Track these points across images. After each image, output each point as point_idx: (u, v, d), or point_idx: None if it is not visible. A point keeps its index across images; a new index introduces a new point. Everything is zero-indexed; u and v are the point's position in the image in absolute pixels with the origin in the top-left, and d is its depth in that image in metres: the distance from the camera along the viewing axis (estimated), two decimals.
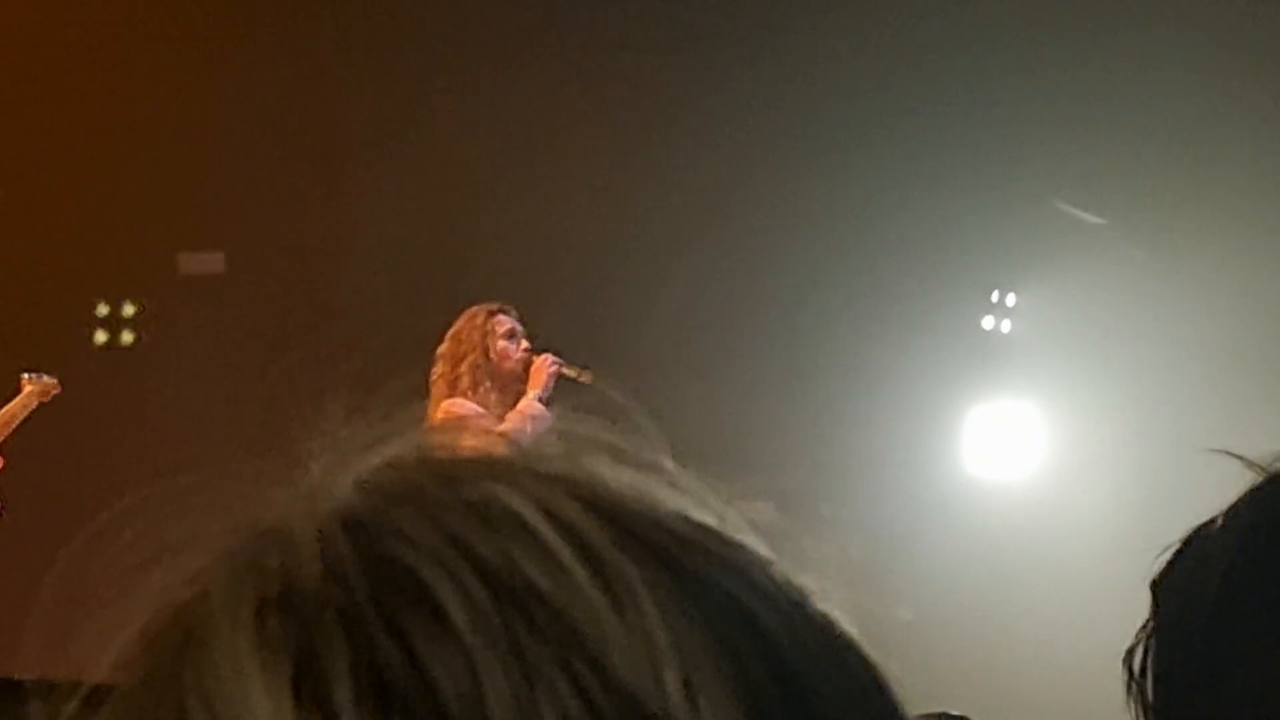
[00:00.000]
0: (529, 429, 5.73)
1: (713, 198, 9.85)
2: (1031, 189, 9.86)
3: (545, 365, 5.98)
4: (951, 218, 9.87)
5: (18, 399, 5.43)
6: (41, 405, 5.52)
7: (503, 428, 5.71)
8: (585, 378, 6.01)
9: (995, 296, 10.42)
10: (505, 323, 6.08)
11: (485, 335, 5.99)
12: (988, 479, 10.46)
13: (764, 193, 9.84)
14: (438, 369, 5.99)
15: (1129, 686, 1.27)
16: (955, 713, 5.24)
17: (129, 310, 9.64)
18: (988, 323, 10.43)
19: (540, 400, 5.92)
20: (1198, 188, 9.57)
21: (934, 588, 10.06)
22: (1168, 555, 1.29)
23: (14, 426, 5.30)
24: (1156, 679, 1.24)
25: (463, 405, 5.82)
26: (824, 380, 10.05)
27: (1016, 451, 10.44)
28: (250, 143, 9.35)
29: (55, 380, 5.57)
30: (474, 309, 6.14)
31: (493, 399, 5.89)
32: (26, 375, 5.48)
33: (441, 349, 6.03)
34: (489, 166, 9.51)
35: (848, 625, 0.74)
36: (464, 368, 5.92)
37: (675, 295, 10.03)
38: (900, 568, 10.07)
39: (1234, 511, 1.26)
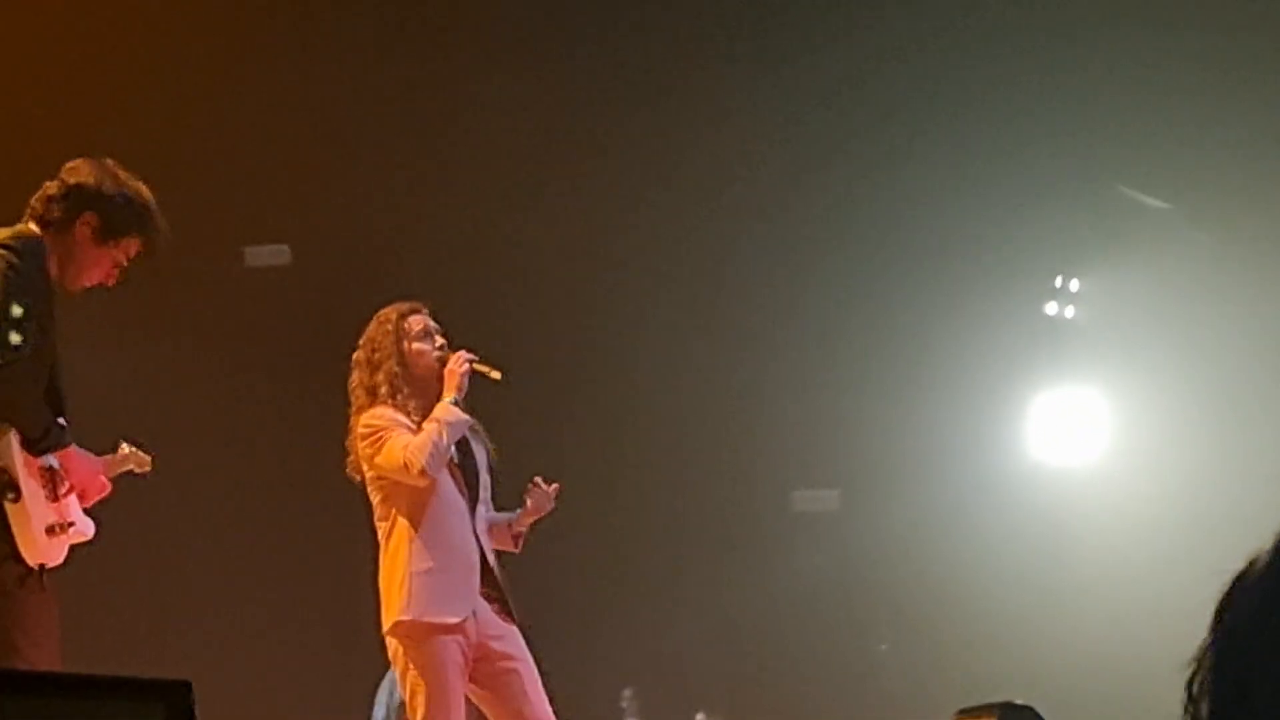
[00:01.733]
0: (445, 437, 5.58)
1: (775, 185, 9.85)
2: (1094, 173, 9.82)
3: (458, 365, 5.72)
4: (1014, 203, 9.83)
5: (115, 455, 5.36)
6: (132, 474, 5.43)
7: (420, 438, 5.55)
8: (495, 375, 5.77)
9: (1058, 282, 10.38)
10: (418, 322, 5.85)
11: (399, 339, 5.77)
12: (1052, 465, 10.43)
13: (827, 180, 9.83)
14: (355, 377, 5.80)
15: (1186, 708, 1.32)
16: (1020, 701, 5.25)
17: None
18: (1051, 308, 10.39)
19: (455, 403, 5.69)
20: (1262, 170, 9.51)
21: (999, 573, 10.04)
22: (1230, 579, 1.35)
23: (111, 475, 5.23)
24: (1207, 699, 1.28)
25: (383, 416, 5.66)
26: (888, 367, 10.04)
27: (1081, 437, 10.40)
28: (314, 138, 9.42)
29: (149, 460, 5.47)
30: (385, 311, 5.88)
31: (411, 406, 5.71)
32: (125, 444, 5.41)
33: (356, 355, 5.82)
34: (547, 164, 9.54)
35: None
36: (381, 376, 5.73)
37: (739, 284, 10.04)
38: (965, 553, 10.06)
39: None
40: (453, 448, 5.66)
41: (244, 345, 9.67)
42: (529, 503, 5.91)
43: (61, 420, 4.84)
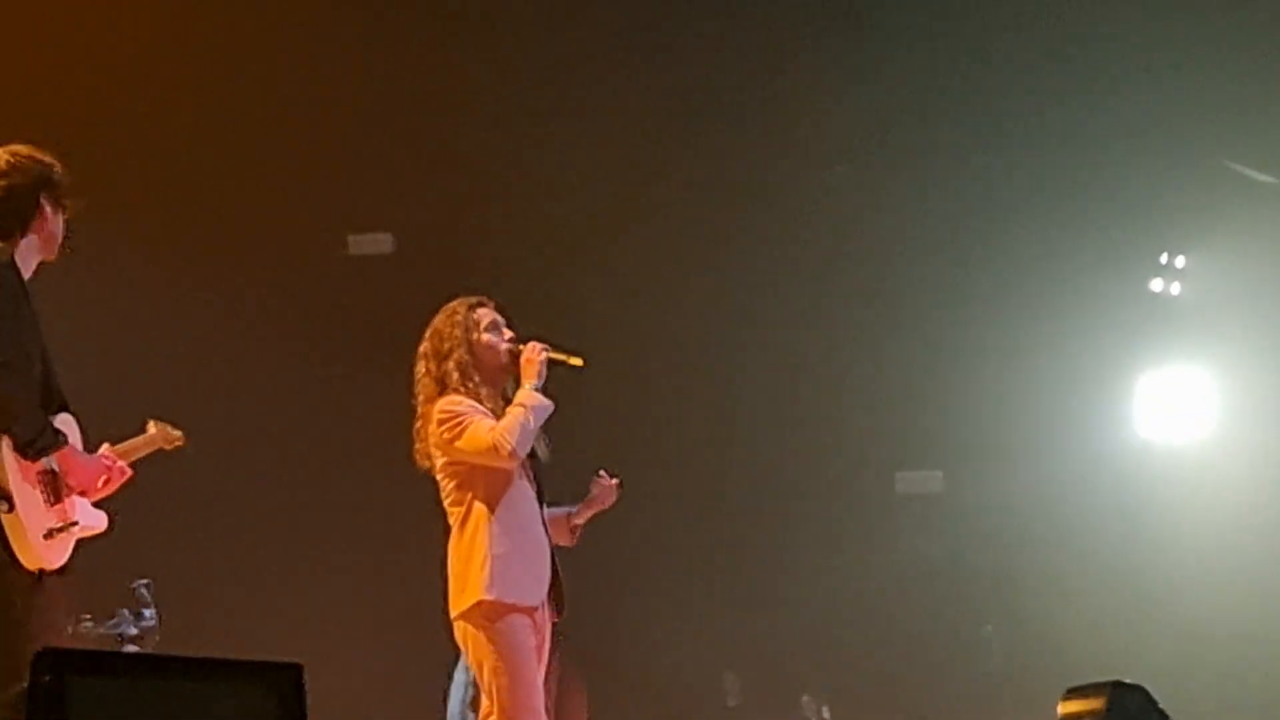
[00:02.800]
0: (531, 421, 5.62)
1: (884, 172, 9.83)
2: (1200, 148, 9.73)
3: (535, 354, 5.77)
4: (1119, 179, 9.76)
5: (140, 437, 5.46)
6: (162, 451, 5.51)
7: (504, 422, 5.58)
8: (576, 362, 5.80)
9: (1164, 259, 10.29)
10: (487, 315, 5.87)
11: (468, 330, 5.80)
12: (1159, 444, 10.35)
13: (936, 164, 9.80)
14: (421, 367, 5.81)
15: None
16: (1129, 680, 5.22)
17: None
18: (1157, 285, 10.30)
19: (537, 389, 5.72)
20: None
21: (1105, 553, 9.98)
22: None
23: (133, 458, 5.30)
24: None
25: (461, 402, 5.69)
26: (992, 346, 10.00)
27: (1188, 416, 10.31)
28: (419, 129, 9.49)
29: (180, 434, 5.59)
30: (452, 304, 5.89)
31: (483, 393, 5.76)
32: (153, 422, 5.50)
33: (423, 347, 5.84)
34: (657, 156, 9.56)
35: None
36: (450, 365, 5.74)
37: (845, 271, 10.04)
38: (1071, 533, 10.00)
39: None
40: None
41: (348, 333, 9.77)
42: (591, 495, 5.93)
43: (65, 415, 4.88)
